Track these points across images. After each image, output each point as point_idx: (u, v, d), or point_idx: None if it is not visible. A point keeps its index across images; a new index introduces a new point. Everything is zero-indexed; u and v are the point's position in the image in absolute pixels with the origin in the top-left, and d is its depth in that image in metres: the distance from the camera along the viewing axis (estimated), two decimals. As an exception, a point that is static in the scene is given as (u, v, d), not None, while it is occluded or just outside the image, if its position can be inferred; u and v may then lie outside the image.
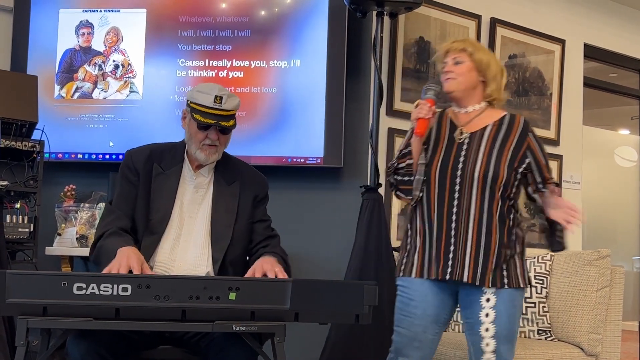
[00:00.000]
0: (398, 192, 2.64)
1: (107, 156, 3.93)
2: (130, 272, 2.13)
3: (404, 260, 2.62)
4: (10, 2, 4.08)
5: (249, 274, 2.31)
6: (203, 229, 2.44)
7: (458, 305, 2.63)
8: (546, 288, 3.40)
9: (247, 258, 2.55)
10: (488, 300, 2.50)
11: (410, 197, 2.58)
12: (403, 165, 2.61)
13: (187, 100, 2.47)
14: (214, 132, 2.43)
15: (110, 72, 4.01)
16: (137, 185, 2.46)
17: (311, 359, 3.44)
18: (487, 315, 2.49)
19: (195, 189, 2.49)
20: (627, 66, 5.35)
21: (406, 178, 2.60)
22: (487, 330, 2.49)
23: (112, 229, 2.36)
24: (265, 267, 2.30)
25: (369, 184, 3.58)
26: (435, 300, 2.55)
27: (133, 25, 4.02)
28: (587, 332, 3.24)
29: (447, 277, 2.49)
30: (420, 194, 2.56)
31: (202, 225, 2.45)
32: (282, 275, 2.27)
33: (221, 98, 2.38)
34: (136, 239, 2.41)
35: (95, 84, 4.02)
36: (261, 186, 2.61)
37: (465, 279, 2.48)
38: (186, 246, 2.41)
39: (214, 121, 2.39)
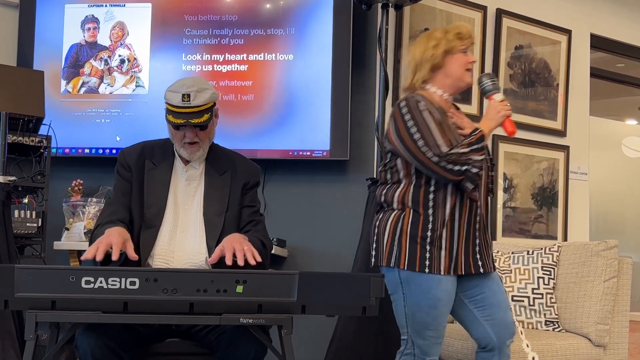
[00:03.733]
0: (471, 184, 2.44)
1: (114, 151, 3.94)
2: (111, 248, 2.16)
3: (428, 255, 2.45)
4: (15, -3, 4.09)
5: (216, 252, 2.27)
6: (198, 220, 2.46)
7: None
8: (553, 279, 3.40)
9: None
10: (500, 281, 2.62)
11: (476, 193, 2.47)
12: (483, 158, 2.44)
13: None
14: (190, 130, 2.43)
15: (116, 66, 4.02)
16: (131, 181, 2.49)
17: (319, 351, 3.45)
18: (505, 294, 2.61)
19: (187, 181, 2.52)
20: (634, 56, 5.32)
21: (481, 173, 2.45)
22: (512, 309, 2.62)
23: (107, 219, 2.40)
24: (235, 245, 2.25)
25: (375, 176, 3.58)
26: (453, 291, 2.53)
27: (138, 20, 4.02)
28: (594, 322, 3.24)
29: (481, 270, 2.51)
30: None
31: (196, 217, 2.47)
32: (251, 252, 2.22)
33: (189, 95, 2.36)
34: (132, 230, 2.43)
35: (101, 78, 4.03)
36: (252, 174, 2.59)
37: (493, 270, 2.56)
38: (183, 237, 2.44)
39: (183, 120, 2.37)
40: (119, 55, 4.03)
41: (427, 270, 2.44)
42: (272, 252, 3.61)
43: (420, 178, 2.50)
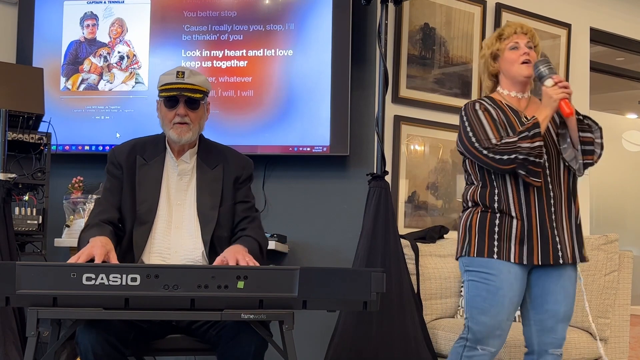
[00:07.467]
0: (528, 174, 2.48)
1: (114, 147, 3.94)
2: (92, 260, 2.16)
3: (496, 244, 2.54)
4: (14, -6, 4.09)
5: (217, 262, 2.28)
6: (192, 215, 2.47)
7: None
8: (554, 273, 3.39)
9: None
10: (578, 277, 2.63)
11: (539, 180, 2.50)
12: (537, 145, 2.47)
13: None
14: (182, 107, 2.45)
15: (116, 63, 4.02)
16: (122, 179, 2.50)
17: (320, 347, 3.45)
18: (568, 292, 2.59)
19: (179, 176, 2.52)
20: (634, 50, 5.31)
21: (537, 160, 2.47)
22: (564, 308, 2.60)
23: (94, 221, 2.40)
24: (238, 256, 2.27)
25: (375, 171, 3.57)
26: (519, 286, 2.56)
27: (137, 16, 4.02)
28: (595, 316, 3.24)
29: (561, 261, 2.53)
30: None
31: (190, 211, 2.48)
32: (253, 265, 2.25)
33: (183, 73, 2.44)
34: (122, 229, 2.45)
35: (100, 75, 4.03)
36: (244, 168, 2.59)
37: (570, 261, 2.56)
38: (179, 233, 2.44)
39: (177, 92, 2.43)
40: (118, 52, 4.02)
41: (495, 256, 2.53)
42: (273, 247, 3.62)
43: (485, 175, 2.61)
